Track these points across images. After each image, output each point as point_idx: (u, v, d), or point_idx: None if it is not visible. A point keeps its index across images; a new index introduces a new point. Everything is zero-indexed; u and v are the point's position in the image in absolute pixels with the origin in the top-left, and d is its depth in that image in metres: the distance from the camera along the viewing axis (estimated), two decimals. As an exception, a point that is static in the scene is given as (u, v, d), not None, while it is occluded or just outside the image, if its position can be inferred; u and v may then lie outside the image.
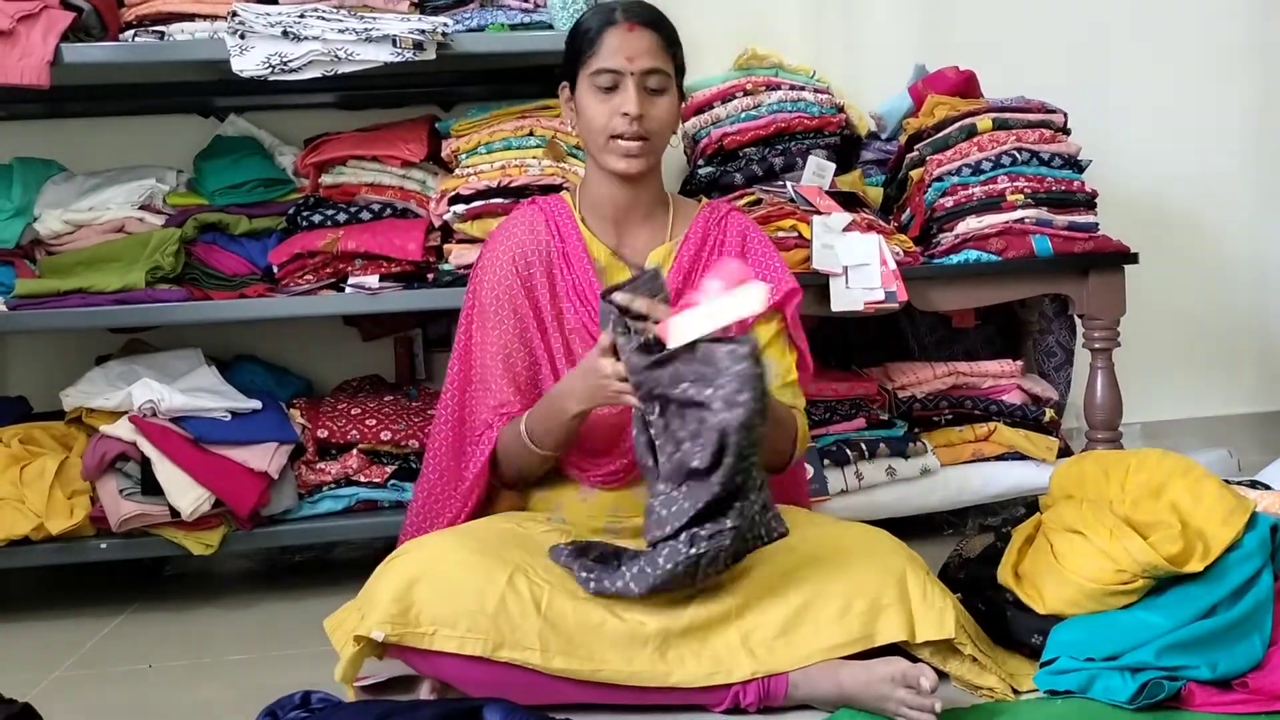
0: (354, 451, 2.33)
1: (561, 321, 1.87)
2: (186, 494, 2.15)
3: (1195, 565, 1.63)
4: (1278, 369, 3.21)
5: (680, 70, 1.88)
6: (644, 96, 1.80)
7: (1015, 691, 1.64)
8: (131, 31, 2.25)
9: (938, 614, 1.63)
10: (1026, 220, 2.38)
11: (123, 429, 2.18)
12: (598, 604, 1.61)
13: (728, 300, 1.55)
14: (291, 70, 2.16)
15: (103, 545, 2.21)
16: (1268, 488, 2.24)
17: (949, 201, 2.41)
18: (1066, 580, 1.68)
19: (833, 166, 2.46)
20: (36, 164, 2.48)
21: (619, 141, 1.81)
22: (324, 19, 2.18)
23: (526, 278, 1.87)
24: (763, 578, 1.65)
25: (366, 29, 2.16)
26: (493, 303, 1.87)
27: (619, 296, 1.63)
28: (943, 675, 1.62)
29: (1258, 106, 3.14)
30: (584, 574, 1.63)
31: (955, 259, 2.38)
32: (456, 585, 1.58)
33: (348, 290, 2.29)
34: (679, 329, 1.56)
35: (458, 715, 1.47)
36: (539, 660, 1.56)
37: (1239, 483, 2.12)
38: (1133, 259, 2.42)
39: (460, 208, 2.27)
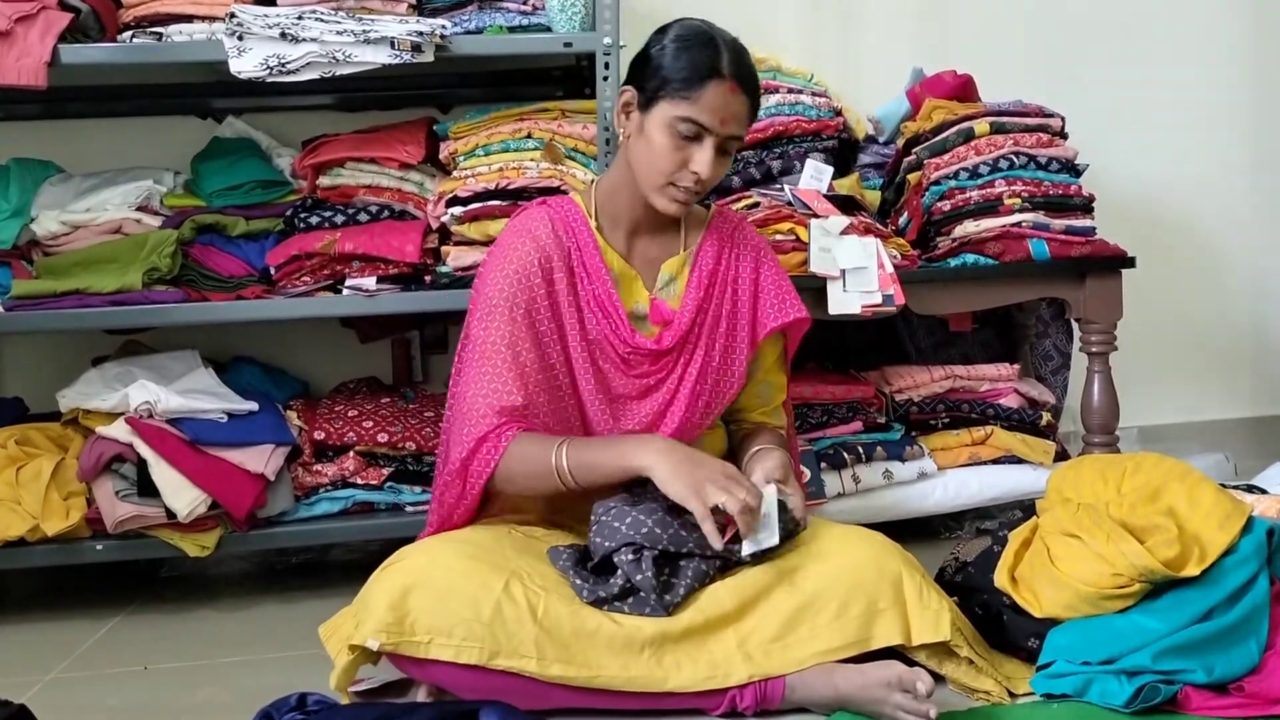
0: (351, 454, 2.33)
1: (584, 330, 1.82)
2: (183, 495, 2.15)
3: (1192, 569, 1.63)
4: (1274, 373, 3.22)
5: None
6: (717, 159, 1.77)
7: (1011, 695, 1.65)
8: (129, 33, 2.25)
9: (934, 617, 1.63)
10: (1024, 224, 2.39)
11: (119, 430, 2.18)
12: (594, 610, 1.61)
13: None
14: (289, 72, 2.15)
15: (99, 547, 2.20)
16: (1264, 492, 2.24)
17: (946, 205, 2.42)
18: (1063, 584, 1.68)
19: (830, 170, 2.46)
20: (34, 165, 2.48)
21: (675, 189, 1.78)
22: (322, 21, 2.18)
23: (549, 278, 1.81)
24: (758, 582, 1.65)
25: (365, 31, 2.16)
26: (505, 298, 1.77)
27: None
28: (939, 678, 1.62)
29: (1255, 112, 3.15)
30: (579, 581, 1.63)
31: (952, 262, 2.38)
32: (452, 593, 1.57)
33: (345, 292, 2.28)
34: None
35: (454, 717, 1.47)
36: (535, 668, 1.56)
37: (1235, 487, 2.12)
38: (1130, 263, 2.42)
39: (458, 210, 2.27)
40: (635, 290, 1.87)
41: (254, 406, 2.30)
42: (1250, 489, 2.25)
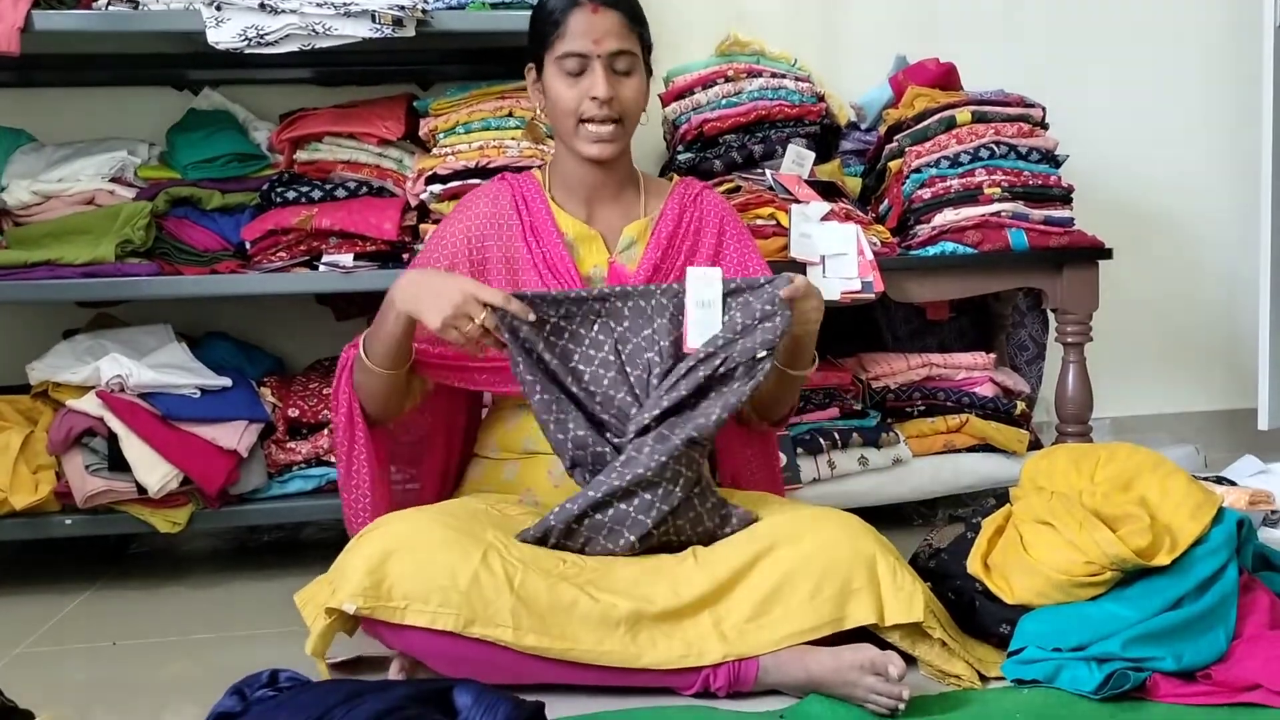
0: (325, 431, 2.31)
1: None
2: (154, 471, 2.13)
3: (1163, 558, 1.64)
4: (1245, 367, 3.24)
5: (647, 48, 1.88)
6: (612, 78, 1.81)
7: (983, 679, 1.66)
8: (105, 0, 2.22)
9: (907, 597, 1.64)
10: (1003, 213, 2.39)
11: (90, 404, 2.16)
12: (571, 584, 1.61)
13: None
14: (268, 44, 2.13)
15: (68, 521, 2.19)
16: (1233, 484, 2.27)
17: (927, 193, 2.42)
18: (1035, 571, 1.69)
19: (812, 155, 2.46)
20: (5, 133, 2.45)
21: (589, 126, 1.82)
22: (302, -7, 2.15)
23: (480, 249, 1.87)
24: (734, 562, 1.65)
25: (345, 3, 2.14)
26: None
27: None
28: (911, 660, 1.63)
29: (1233, 106, 3.17)
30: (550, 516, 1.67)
31: (931, 251, 2.39)
32: (430, 560, 1.57)
33: (321, 268, 2.27)
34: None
35: (428, 696, 1.46)
36: (511, 637, 1.56)
37: (1205, 479, 2.14)
38: (1106, 254, 2.44)
39: (437, 187, 2.26)
40: (594, 252, 1.90)
41: (227, 382, 2.29)
42: (1219, 480, 2.28)
